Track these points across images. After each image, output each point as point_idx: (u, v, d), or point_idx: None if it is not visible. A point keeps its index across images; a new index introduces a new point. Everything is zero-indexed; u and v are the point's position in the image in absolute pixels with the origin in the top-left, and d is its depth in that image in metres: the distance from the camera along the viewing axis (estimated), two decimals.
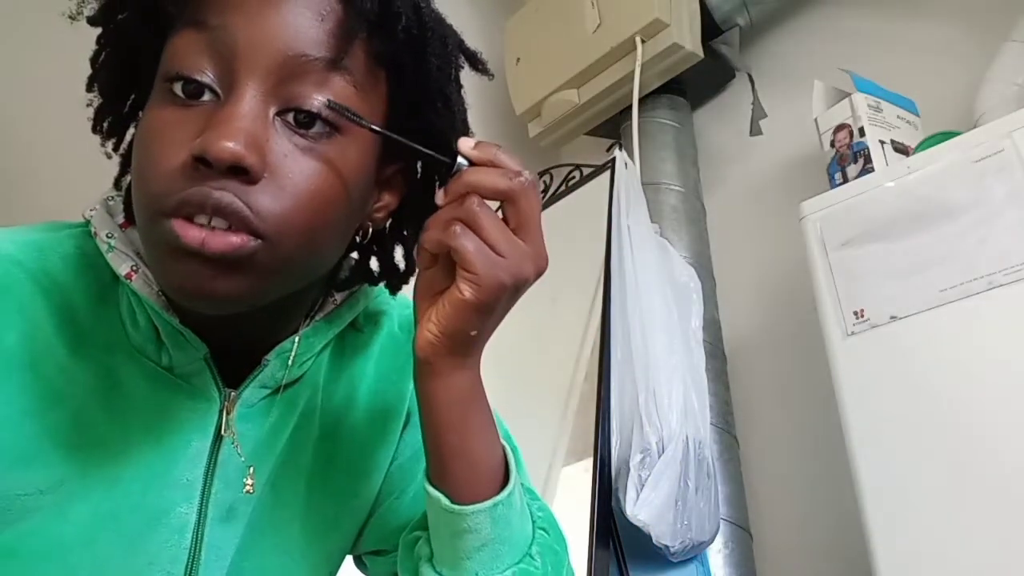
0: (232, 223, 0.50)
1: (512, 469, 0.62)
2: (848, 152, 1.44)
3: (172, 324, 0.57)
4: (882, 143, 1.42)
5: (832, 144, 1.47)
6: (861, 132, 1.43)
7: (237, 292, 0.52)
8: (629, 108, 1.86)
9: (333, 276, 0.65)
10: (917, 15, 1.72)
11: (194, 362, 0.60)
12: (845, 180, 1.41)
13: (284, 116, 0.53)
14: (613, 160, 1.67)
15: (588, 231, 1.63)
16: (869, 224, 1.30)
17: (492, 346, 0.59)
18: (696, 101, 2.06)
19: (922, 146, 1.37)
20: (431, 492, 0.60)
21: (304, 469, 0.67)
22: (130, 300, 0.59)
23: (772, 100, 1.83)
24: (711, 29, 1.90)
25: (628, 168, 1.66)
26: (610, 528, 1.31)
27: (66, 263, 0.60)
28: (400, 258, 0.66)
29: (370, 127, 0.55)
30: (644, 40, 1.84)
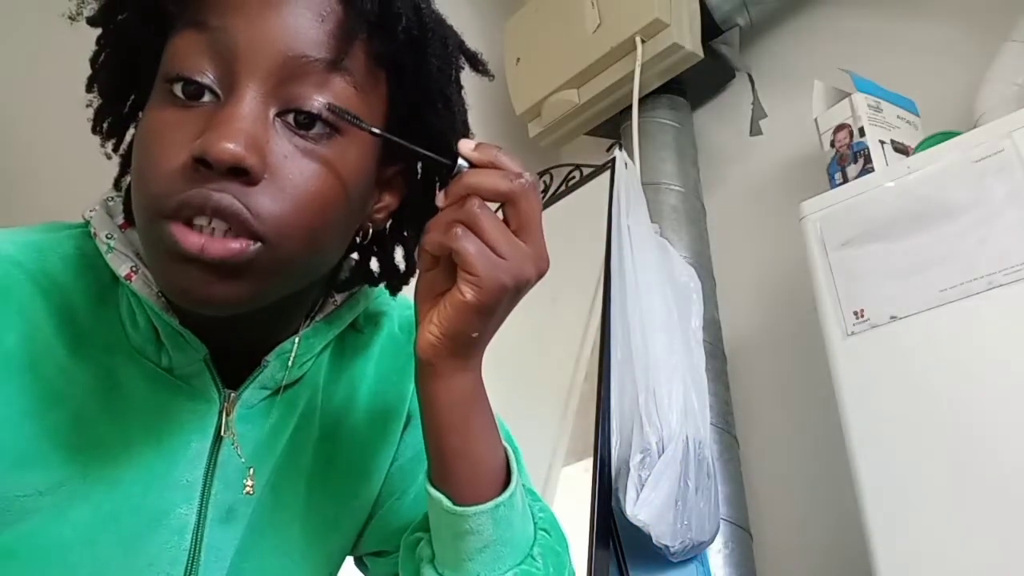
0: (232, 225, 0.50)
1: (514, 470, 0.62)
2: (848, 152, 1.44)
3: (172, 325, 0.57)
4: (882, 143, 1.42)
5: (832, 144, 1.47)
6: (861, 132, 1.43)
7: (237, 296, 0.52)
8: (629, 108, 1.86)
9: (333, 277, 0.65)
10: (917, 15, 1.72)
11: (194, 363, 0.60)
12: (845, 180, 1.41)
13: (284, 117, 0.53)
14: (613, 160, 1.67)
15: (588, 231, 1.63)
16: (869, 224, 1.30)
17: (492, 346, 0.59)
18: (696, 101, 2.06)
19: (922, 146, 1.37)
20: (433, 493, 0.60)
21: (304, 470, 0.67)
22: (130, 301, 0.59)
23: (772, 100, 1.83)
24: (711, 29, 1.90)
25: (628, 168, 1.66)
26: (610, 528, 1.31)
27: (66, 264, 0.60)
28: (400, 259, 0.66)
29: (370, 130, 0.54)
30: (644, 40, 1.84)
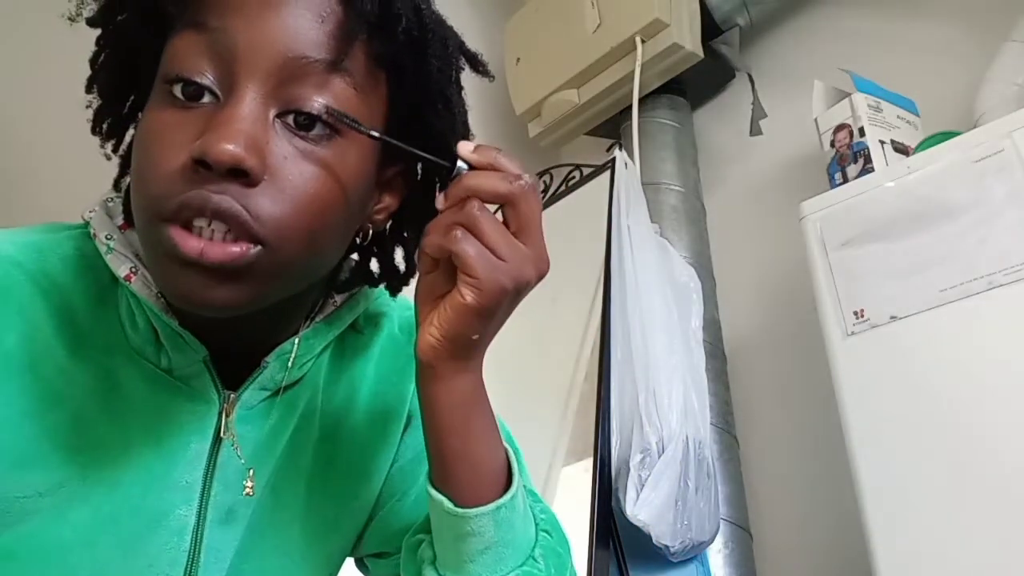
0: (231, 227, 0.50)
1: (515, 472, 0.62)
2: (848, 152, 1.44)
3: (171, 326, 0.57)
4: (882, 143, 1.42)
5: (832, 144, 1.47)
6: (861, 132, 1.43)
7: (237, 299, 0.52)
8: (629, 108, 1.86)
9: (333, 278, 0.65)
10: (917, 15, 1.72)
11: (193, 364, 0.60)
12: (845, 180, 1.41)
13: (284, 118, 0.53)
14: (613, 160, 1.67)
15: (588, 231, 1.63)
16: (869, 224, 1.30)
17: (492, 347, 0.59)
18: (696, 101, 2.06)
19: (922, 146, 1.37)
20: (434, 495, 0.60)
21: (304, 471, 0.67)
22: (129, 302, 0.59)
23: (772, 100, 1.83)
24: (711, 29, 1.90)
25: (628, 168, 1.66)
26: (610, 528, 1.31)
27: (65, 264, 0.60)
28: (400, 260, 0.66)
29: (369, 133, 0.54)
30: (644, 40, 1.84)
